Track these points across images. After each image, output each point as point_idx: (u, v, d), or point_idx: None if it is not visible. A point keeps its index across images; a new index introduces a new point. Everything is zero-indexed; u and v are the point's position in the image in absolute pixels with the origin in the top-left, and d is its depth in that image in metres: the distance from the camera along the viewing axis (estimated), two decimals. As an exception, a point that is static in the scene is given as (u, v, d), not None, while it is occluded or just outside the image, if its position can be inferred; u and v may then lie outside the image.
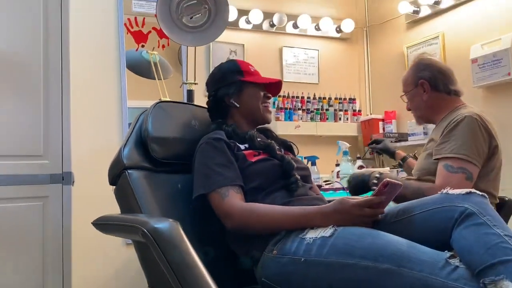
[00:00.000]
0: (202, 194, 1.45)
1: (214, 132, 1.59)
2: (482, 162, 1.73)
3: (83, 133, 2.56)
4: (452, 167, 1.70)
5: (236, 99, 1.66)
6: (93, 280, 2.56)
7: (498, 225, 1.12)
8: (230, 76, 1.68)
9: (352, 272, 1.19)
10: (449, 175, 1.69)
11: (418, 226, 1.29)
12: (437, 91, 1.91)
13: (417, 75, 1.94)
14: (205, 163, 1.49)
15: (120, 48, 2.79)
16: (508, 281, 1.01)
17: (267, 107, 1.70)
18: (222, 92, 1.68)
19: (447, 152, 1.73)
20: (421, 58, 2.01)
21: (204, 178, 1.47)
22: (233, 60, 1.78)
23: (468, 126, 1.74)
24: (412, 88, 1.96)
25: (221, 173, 1.46)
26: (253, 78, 1.68)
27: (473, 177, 1.69)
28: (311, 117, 3.38)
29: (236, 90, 1.66)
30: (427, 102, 1.93)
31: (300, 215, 1.36)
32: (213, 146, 1.51)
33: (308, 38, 3.54)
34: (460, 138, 1.73)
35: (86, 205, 2.14)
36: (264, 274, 1.35)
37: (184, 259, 1.08)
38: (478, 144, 1.72)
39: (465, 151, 1.70)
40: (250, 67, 1.71)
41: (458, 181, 1.66)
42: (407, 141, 3.16)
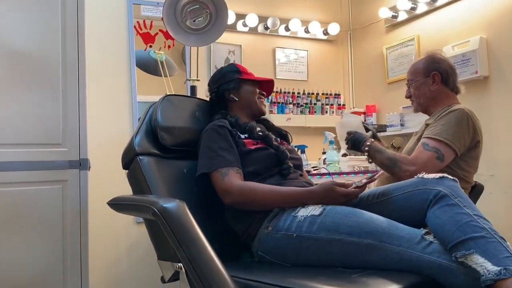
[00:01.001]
0: (204, 173, 1.46)
1: (219, 120, 1.59)
2: (462, 150, 1.72)
3: (98, 123, 2.54)
4: (427, 145, 1.69)
5: (235, 94, 1.67)
6: (107, 254, 2.56)
7: (468, 205, 1.13)
8: (230, 75, 1.70)
9: (338, 246, 1.20)
10: (422, 151, 1.69)
11: (396, 206, 1.30)
12: (445, 85, 1.88)
13: (431, 66, 1.88)
14: (209, 146, 1.50)
15: (130, 48, 2.76)
16: (477, 254, 1.01)
17: (262, 101, 1.73)
18: (223, 88, 1.69)
19: (431, 134, 1.72)
20: (435, 53, 1.95)
21: (207, 159, 1.47)
22: (232, 63, 1.86)
23: (457, 117, 1.73)
24: (422, 77, 1.89)
25: (222, 155, 1.46)
26: (250, 77, 1.72)
27: (445, 159, 1.68)
28: (301, 110, 3.38)
29: (235, 86, 1.68)
30: (433, 93, 1.88)
31: (290, 195, 1.37)
32: (217, 132, 1.52)
33: (299, 40, 3.52)
34: (446, 124, 1.72)
35: (101, 188, 2.13)
36: (261, 248, 1.36)
37: (189, 234, 1.08)
38: (461, 133, 1.71)
39: (447, 135, 1.69)
40: (246, 69, 1.76)
41: (428, 158, 1.67)
42: (386, 132, 3.17)
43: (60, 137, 1.80)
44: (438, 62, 1.89)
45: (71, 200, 1.80)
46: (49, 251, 1.75)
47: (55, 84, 1.80)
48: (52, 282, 1.75)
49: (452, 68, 1.91)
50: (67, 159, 1.80)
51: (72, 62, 1.84)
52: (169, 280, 1.28)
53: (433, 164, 1.65)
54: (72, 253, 1.79)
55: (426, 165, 1.63)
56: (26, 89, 1.75)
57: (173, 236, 1.08)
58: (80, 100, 1.84)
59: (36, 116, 1.76)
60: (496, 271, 0.97)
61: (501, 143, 2.48)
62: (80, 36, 1.87)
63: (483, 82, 2.60)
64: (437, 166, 1.66)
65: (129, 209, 1.36)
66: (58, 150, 1.80)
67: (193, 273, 1.04)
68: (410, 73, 1.96)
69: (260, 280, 1.08)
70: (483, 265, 0.99)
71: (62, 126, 1.80)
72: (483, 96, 2.60)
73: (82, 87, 1.85)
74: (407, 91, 1.98)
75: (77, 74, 1.85)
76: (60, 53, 1.82)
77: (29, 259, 1.71)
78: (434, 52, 1.95)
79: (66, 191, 1.80)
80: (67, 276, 1.77)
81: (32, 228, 1.73)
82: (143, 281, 2.59)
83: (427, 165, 1.63)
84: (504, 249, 1.02)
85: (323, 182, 1.35)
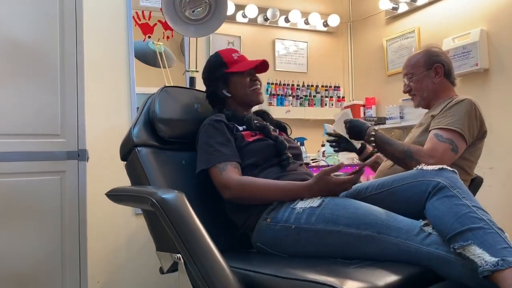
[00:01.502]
0: (203, 169, 1.45)
1: (216, 115, 1.58)
2: (471, 140, 1.70)
3: (97, 114, 2.54)
4: (441, 137, 1.65)
5: (227, 90, 1.64)
6: (106, 245, 2.56)
7: (467, 197, 1.13)
8: (216, 71, 1.66)
9: (337, 238, 1.20)
10: (437, 143, 1.64)
11: (395, 198, 1.29)
12: (447, 78, 1.86)
13: (432, 59, 1.84)
14: (206, 142, 1.49)
15: (129, 39, 2.75)
16: (475, 245, 1.01)
17: (256, 89, 1.66)
18: (212, 87, 1.67)
19: (442, 124, 1.68)
20: (433, 47, 1.91)
21: (206, 155, 1.47)
22: (216, 53, 1.72)
23: (466, 107, 1.70)
24: (423, 70, 1.85)
25: (220, 150, 1.46)
26: (237, 67, 1.64)
27: (459, 151, 1.65)
28: (300, 102, 3.37)
29: (224, 82, 1.64)
30: (435, 85, 1.84)
31: (289, 189, 1.36)
32: (214, 127, 1.51)
33: (298, 32, 3.51)
34: (457, 114, 1.68)
35: (100, 179, 2.13)
36: (259, 239, 1.36)
37: (188, 225, 1.08)
38: (471, 124, 1.69)
39: (459, 125, 1.65)
40: (233, 55, 1.67)
41: (444, 150, 1.62)
42: (385, 124, 3.16)
43: (58, 128, 1.80)
44: (438, 55, 1.87)
45: (69, 191, 1.80)
46: (47, 242, 1.75)
47: (53, 74, 1.79)
48: (51, 272, 1.75)
49: (450, 61, 1.90)
50: (66, 150, 1.80)
51: (70, 53, 1.83)
52: (167, 271, 1.28)
53: (449, 156, 1.61)
54: (70, 244, 1.79)
55: (443, 157, 1.59)
56: (25, 80, 1.74)
57: (172, 227, 1.08)
58: (78, 91, 1.84)
59: (34, 107, 1.76)
60: (493, 262, 0.97)
61: (500, 136, 2.48)
62: (79, 27, 1.86)
63: (483, 75, 2.60)
64: (452, 158, 1.63)
65: (127, 200, 1.36)
66: (57, 140, 1.80)
67: (192, 264, 1.04)
68: (409, 67, 1.91)
69: (259, 270, 1.09)
70: (480, 256, 0.99)
71: (61, 116, 1.80)
72: (483, 89, 2.59)
73: (80, 78, 1.85)
74: (405, 85, 1.92)
75: (76, 65, 1.84)
76: (58, 44, 1.81)
77: (28, 249, 1.72)
78: (431, 46, 1.93)
79: (65, 182, 1.80)
80: (66, 267, 1.78)
81: (30, 219, 1.73)
82: (141, 272, 2.60)
83: (444, 157, 1.59)
84: (502, 240, 1.02)
85: (317, 174, 1.35)
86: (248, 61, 1.68)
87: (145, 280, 2.60)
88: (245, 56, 1.71)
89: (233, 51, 1.70)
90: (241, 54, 1.70)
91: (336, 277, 0.97)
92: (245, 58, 1.69)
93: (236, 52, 1.69)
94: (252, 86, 1.65)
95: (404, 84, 1.93)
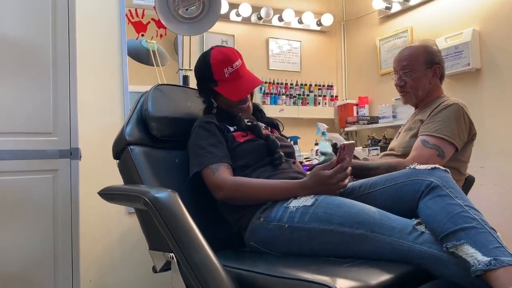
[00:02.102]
0: (196, 171, 1.44)
1: (206, 116, 1.57)
2: (461, 145, 1.70)
3: (89, 113, 2.52)
4: (427, 143, 1.66)
5: (215, 99, 1.61)
6: (99, 244, 2.55)
7: (460, 196, 1.13)
8: (205, 81, 1.60)
9: (330, 236, 1.19)
10: (423, 149, 1.65)
11: (388, 197, 1.29)
12: (440, 79, 1.85)
13: (433, 58, 1.80)
14: (198, 144, 1.48)
15: (122, 37, 2.73)
16: (468, 245, 1.02)
17: (243, 108, 1.60)
18: (202, 93, 1.64)
19: (430, 131, 1.68)
20: (432, 44, 1.86)
21: (197, 157, 1.46)
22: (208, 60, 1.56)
23: (454, 112, 1.70)
24: (423, 68, 1.79)
25: (212, 152, 1.45)
26: (226, 91, 1.55)
27: (445, 156, 1.65)
28: (294, 101, 3.37)
29: (211, 95, 1.60)
30: (430, 86, 1.81)
31: (282, 188, 1.36)
32: (205, 129, 1.50)
33: (292, 31, 3.51)
34: (445, 120, 1.68)
35: (92, 178, 2.12)
36: (252, 238, 1.36)
37: (181, 224, 1.07)
38: (460, 129, 1.69)
39: (447, 132, 1.66)
40: (225, 71, 1.53)
41: (429, 156, 1.62)
42: (378, 123, 3.17)
43: (50, 126, 1.79)
44: (437, 55, 1.83)
45: (62, 190, 1.79)
46: (40, 240, 1.74)
47: (45, 72, 1.78)
48: (43, 271, 1.74)
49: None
50: (58, 148, 1.79)
51: (63, 51, 1.82)
52: (160, 269, 1.28)
53: (434, 161, 1.59)
54: (63, 243, 1.78)
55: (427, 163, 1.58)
56: (16, 78, 1.72)
57: (165, 226, 1.08)
58: (71, 88, 1.82)
59: (26, 105, 1.74)
60: (486, 262, 0.97)
61: (491, 135, 2.49)
62: (71, 24, 1.84)
63: (475, 75, 2.61)
64: (439, 163, 1.63)
65: (120, 199, 1.35)
66: (49, 139, 1.78)
67: (185, 263, 1.04)
68: (408, 60, 1.80)
69: (252, 269, 1.08)
70: (473, 255, 0.99)
71: (53, 115, 1.79)
72: (475, 89, 2.61)
73: (73, 76, 1.83)
74: (399, 79, 1.83)
75: (68, 63, 1.83)
76: (51, 41, 1.79)
77: (20, 248, 1.70)
78: (430, 42, 1.88)
79: (57, 180, 1.78)
80: (58, 266, 1.77)
81: (22, 217, 1.71)
82: (134, 271, 2.59)
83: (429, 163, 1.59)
84: (494, 240, 1.02)
85: (311, 171, 1.34)
86: (241, 84, 1.56)
87: (138, 279, 2.59)
88: (240, 66, 1.56)
89: (227, 62, 1.54)
90: (235, 68, 1.54)
91: (329, 276, 0.97)
92: (239, 74, 1.56)
93: (230, 64, 1.54)
94: (239, 104, 1.59)
95: (399, 77, 1.84)
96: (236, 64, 1.56)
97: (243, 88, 1.57)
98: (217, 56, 1.56)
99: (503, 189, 2.43)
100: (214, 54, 1.57)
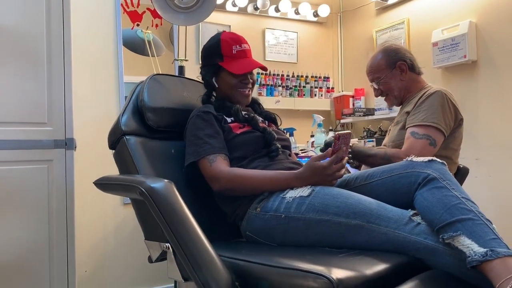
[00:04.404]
0: (192, 161, 1.44)
1: (204, 106, 1.56)
2: (448, 131, 1.73)
3: (84, 103, 2.51)
4: (417, 134, 1.68)
5: (215, 79, 1.61)
6: (94, 235, 2.55)
7: (456, 188, 1.13)
8: (211, 58, 1.60)
9: (326, 227, 1.20)
10: (414, 141, 1.68)
11: (385, 188, 1.30)
12: (412, 72, 1.89)
13: (393, 58, 1.87)
14: (195, 134, 1.47)
15: (117, 27, 2.71)
16: (465, 236, 1.02)
17: (242, 92, 1.59)
18: (204, 71, 1.64)
19: (417, 121, 1.71)
20: (389, 45, 1.94)
21: (194, 147, 1.45)
22: (218, 37, 1.60)
23: (438, 99, 1.73)
24: (388, 71, 1.88)
25: (209, 142, 1.44)
26: (230, 65, 1.56)
27: (437, 143, 1.68)
28: (290, 93, 3.36)
29: (215, 72, 1.60)
30: (403, 82, 1.87)
31: (279, 178, 1.36)
32: (202, 119, 1.49)
33: (288, 22, 3.49)
34: (430, 108, 1.71)
35: (88, 168, 2.11)
36: (249, 228, 1.36)
37: (177, 214, 1.07)
38: (445, 115, 1.72)
39: (433, 119, 1.69)
40: (233, 48, 1.57)
41: (422, 146, 1.65)
42: (374, 115, 3.18)
43: (45, 116, 1.77)
44: (397, 52, 1.89)
45: (57, 180, 1.78)
46: (34, 231, 1.73)
47: (39, 61, 1.76)
48: (38, 261, 1.74)
49: (410, 53, 1.92)
50: (53, 139, 1.78)
51: (57, 40, 1.80)
52: (156, 259, 1.28)
53: (428, 151, 1.64)
54: (58, 233, 1.78)
55: (421, 153, 1.59)
56: (10, 67, 1.71)
57: (161, 216, 1.07)
58: (65, 78, 1.81)
59: (20, 94, 1.72)
60: (482, 253, 0.98)
61: (486, 127, 2.50)
62: (66, 13, 1.82)
63: (471, 67, 2.61)
64: (432, 152, 1.66)
65: (116, 189, 1.35)
66: (43, 129, 1.77)
67: (181, 253, 1.04)
68: (373, 72, 1.92)
69: (248, 259, 1.08)
70: (469, 246, 1.00)
71: (47, 105, 1.77)
72: (471, 81, 2.61)
73: (67, 65, 1.81)
74: (375, 90, 1.94)
75: (63, 52, 1.81)
76: (45, 30, 1.77)
77: (15, 238, 1.69)
78: (387, 45, 1.95)
79: (52, 170, 1.78)
80: (53, 256, 1.76)
81: (17, 208, 1.71)
82: (130, 261, 2.59)
83: (423, 153, 1.61)
84: (490, 231, 1.02)
85: (306, 162, 1.34)
86: (245, 61, 1.58)
87: (134, 269, 2.60)
88: (248, 49, 1.61)
89: (236, 41, 1.58)
90: (243, 48, 1.58)
91: (324, 266, 0.97)
92: (245, 54, 1.59)
93: (238, 44, 1.58)
94: (240, 87, 1.59)
95: (374, 89, 1.95)
96: (245, 46, 1.60)
97: (246, 65, 1.58)
98: (228, 35, 1.62)
99: (498, 181, 2.44)
100: (226, 33, 1.64)
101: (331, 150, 1.31)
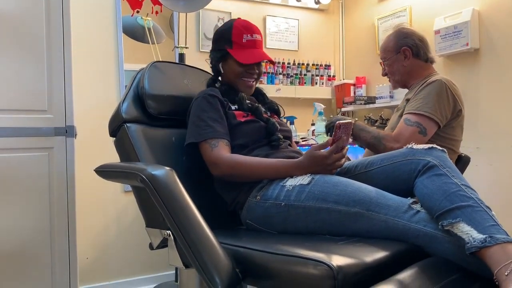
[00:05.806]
0: (193, 142, 1.44)
1: (210, 89, 1.55)
2: (444, 121, 1.74)
3: (84, 90, 2.51)
4: (409, 121, 1.71)
5: (222, 66, 1.61)
6: (95, 222, 2.56)
7: (456, 176, 1.14)
8: (221, 43, 1.59)
9: (326, 215, 1.20)
10: (405, 127, 1.71)
11: (385, 176, 1.30)
12: (417, 58, 1.90)
13: (399, 43, 1.90)
14: (198, 115, 1.47)
15: (117, 13, 2.69)
16: (464, 223, 1.03)
17: (246, 82, 1.59)
18: (213, 55, 1.63)
19: (412, 109, 1.73)
20: (402, 27, 1.96)
21: (196, 128, 1.45)
22: (231, 23, 1.59)
23: (436, 88, 1.74)
24: (393, 54, 1.91)
25: (212, 126, 1.44)
26: (238, 54, 1.55)
27: (427, 133, 1.70)
28: (291, 81, 3.36)
29: (222, 57, 1.59)
30: (406, 68, 1.90)
31: (279, 166, 1.36)
32: (208, 101, 1.49)
33: (290, 9, 3.46)
34: (426, 97, 1.73)
35: (88, 156, 2.12)
36: (249, 216, 1.37)
37: (178, 201, 1.08)
38: (442, 105, 1.72)
39: (427, 108, 1.70)
40: (244, 36, 1.55)
41: (411, 133, 1.68)
42: (375, 104, 3.17)
43: (45, 103, 1.77)
44: (406, 37, 1.90)
45: (57, 168, 1.79)
46: (36, 218, 1.74)
47: (39, 49, 1.76)
48: (40, 249, 1.75)
49: (422, 39, 1.92)
50: (53, 126, 1.78)
51: (57, 27, 1.79)
52: (157, 247, 1.29)
53: (416, 138, 1.66)
54: (59, 221, 1.79)
55: (409, 140, 1.61)
56: (9, 54, 1.70)
57: (162, 203, 1.08)
58: (65, 66, 1.81)
59: (20, 82, 1.72)
60: (481, 239, 0.98)
61: (487, 116, 2.50)
62: (65, 1, 1.81)
63: (473, 55, 2.60)
64: (421, 140, 1.67)
65: (117, 176, 1.35)
66: (44, 116, 1.77)
67: (182, 240, 1.04)
68: (382, 52, 1.97)
69: (248, 246, 1.09)
70: (469, 233, 1.00)
71: (48, 92, 1.77)
72: (473, 69, 2.60)
73: (67, 53, 1.81)
74: (382, 69, 2.00)
75: (62, 40, 1.81)
76: (44, 17, 1.77)
77: (16, 226, 1.71)
78: (400, 27, 1.96)
79: (53, 158, 1.78)
80: (55, 243, 1.78)
81: (18, 195, 1.72)
82: (131, 248, 2.61)
83: (411, 140, 1.61)
84: (490, 218, 1.03)
85: (306, 151, 1.35)
86: (253, 52, 1.56)
87: (135, 256, 2.62)
88: (259, 40, 1.58)
89: (249, 30, 1.56)
90: (254, 39, 1.56)
91: (324, 253, 0.97)
92: (255, 44, 1.57)
93: (250, 33, 1.56)
94: (244, 77, 1.58)
95: (382, 68, 2.00)
96: (256, 36, 1.58)
97: (254, 55, 1.56)
98: (241, 22, 1.60)
99: (498, 169, 2.45)
100: (240, 20, 1.61)
101: (331, 140, 1.31)
